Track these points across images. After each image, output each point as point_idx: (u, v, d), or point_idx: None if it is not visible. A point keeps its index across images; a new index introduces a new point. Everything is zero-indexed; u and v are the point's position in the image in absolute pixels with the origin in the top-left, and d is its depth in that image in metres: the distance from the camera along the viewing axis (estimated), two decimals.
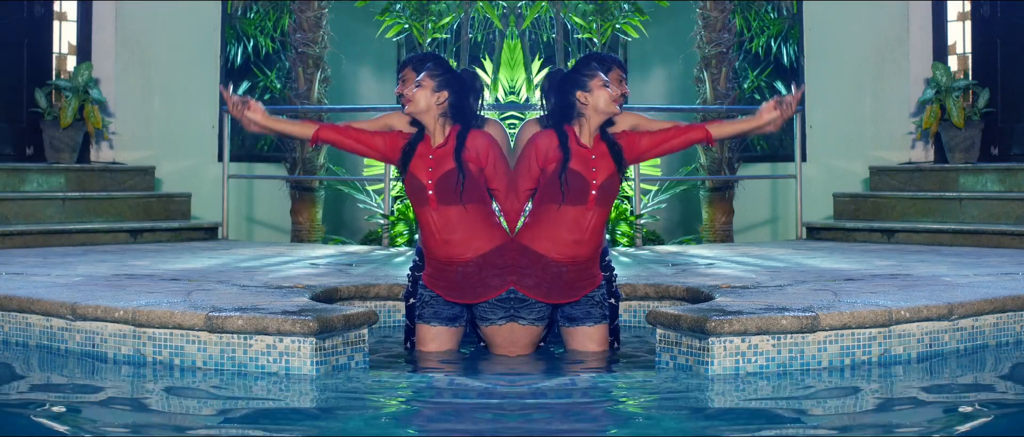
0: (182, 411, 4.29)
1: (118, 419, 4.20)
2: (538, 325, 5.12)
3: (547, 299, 5.08)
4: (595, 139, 5.09)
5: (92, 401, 4.44)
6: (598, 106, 5.07)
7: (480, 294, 5.05)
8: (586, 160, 5.04)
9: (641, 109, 9.95)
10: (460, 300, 5.10)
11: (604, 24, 10.10)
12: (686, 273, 6.71)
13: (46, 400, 4.48)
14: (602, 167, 5.06)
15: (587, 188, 5.02)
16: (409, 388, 4.71)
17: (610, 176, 5.06)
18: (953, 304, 5.16)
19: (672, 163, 11.39)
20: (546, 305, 5.10)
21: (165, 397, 4.49)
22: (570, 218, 5.03)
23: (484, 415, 4.24)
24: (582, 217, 5.04)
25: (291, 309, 4.91)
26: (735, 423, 4.20)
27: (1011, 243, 8.29)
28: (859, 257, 7.58)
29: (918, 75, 10.04)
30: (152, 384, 4.64)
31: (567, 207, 5.02)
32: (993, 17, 9.92)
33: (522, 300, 5.08)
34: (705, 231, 10.13)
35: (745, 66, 11.28)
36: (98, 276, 6.34)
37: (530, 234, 5.05)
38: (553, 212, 5.03)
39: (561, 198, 5.01)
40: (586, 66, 5.13)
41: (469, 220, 5.03)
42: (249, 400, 4.44)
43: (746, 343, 4.73)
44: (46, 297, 5.26)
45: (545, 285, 5.06)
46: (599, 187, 5.04)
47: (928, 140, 9.95)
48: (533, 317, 5.10)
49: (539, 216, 5.06)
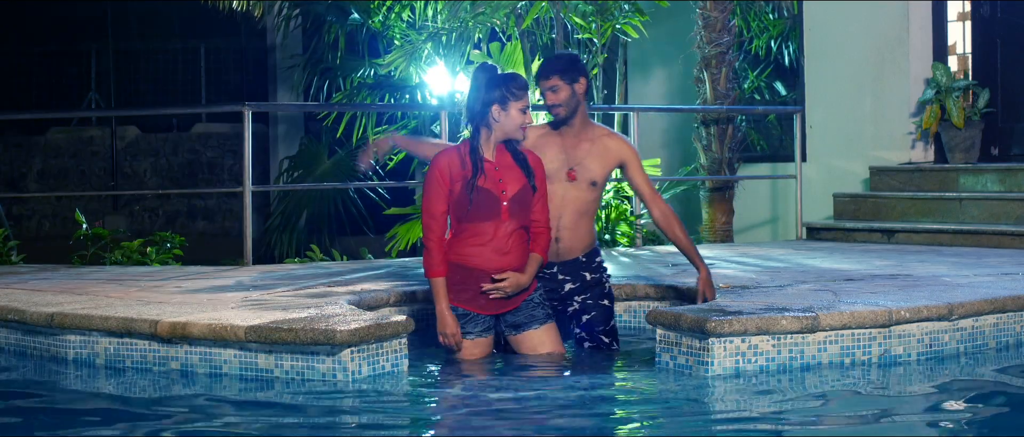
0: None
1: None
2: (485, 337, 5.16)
3: (483, 310, 5.10)
4: (499, 151, 5.09)
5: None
6: (506, 128, 5.05)
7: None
8: (492, 175, 5.04)
9: (641, 109, 9.95)
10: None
11: (604, 24, 10.09)
12: (686, 273, 6.70)
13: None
14: (510, 180, 5.06)
15: (497, 203, 5.01)
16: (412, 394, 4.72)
17: (521, 189, 5.04)
18: (953, 304, 5.16)
19: (672, 164, 11.39)
20: (487, 317, 5.13)
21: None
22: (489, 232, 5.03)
23: (482, 417, 4.25)
24: (498, 229, 5.04)
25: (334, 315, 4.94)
26: (735, 423, 4.21)
27: (1011, 243, 8.28)
28: (859, 257, 7.58)
29: (918, 75, 10.04)
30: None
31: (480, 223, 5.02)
32: (993, 17, 9.92)
33: (463, 315, 5.10)
34: (705, 231, 10.12)
35: (745, 66, 11.28)
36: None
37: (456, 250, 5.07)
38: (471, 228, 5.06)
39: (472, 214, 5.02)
40: (514, 83, 5.05)
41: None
42: (285, 407, 4.43)
43: (746, 343, 4.73)
44: None
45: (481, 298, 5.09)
46: (511, 200, 5.03)
47: (928, 140, 9.95)
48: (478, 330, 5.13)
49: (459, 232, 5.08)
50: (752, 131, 11.33)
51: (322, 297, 5.68)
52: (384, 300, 5.87)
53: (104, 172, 15.51)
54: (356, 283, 6.31)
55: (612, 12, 10.09)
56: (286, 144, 14.96)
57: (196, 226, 15.31)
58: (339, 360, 4.63)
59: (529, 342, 5.16)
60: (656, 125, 11.68)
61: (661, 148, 11.56)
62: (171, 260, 8.33)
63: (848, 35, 10.29)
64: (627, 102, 11.40)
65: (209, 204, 15.43)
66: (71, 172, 15.51)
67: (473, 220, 5.01)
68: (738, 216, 10.38)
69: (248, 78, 16.04)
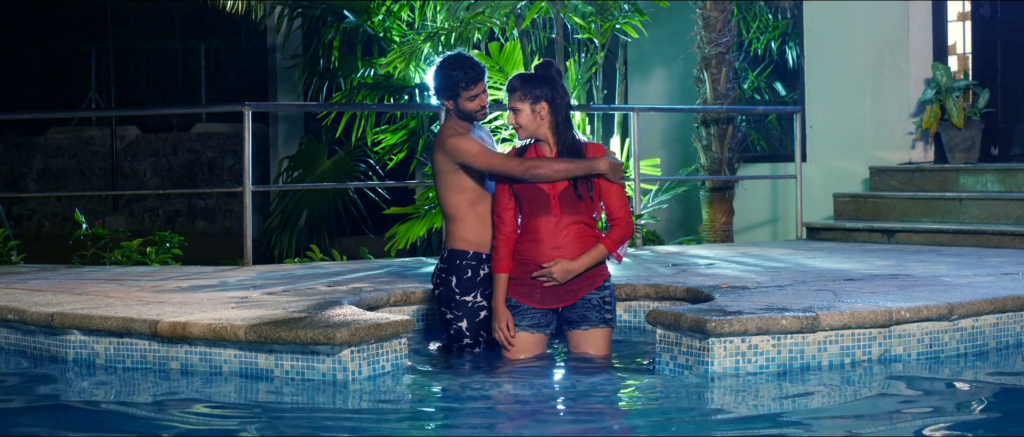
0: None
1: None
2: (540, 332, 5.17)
3: (538, 305, 5.13)
4: (557, 147, 5.16)
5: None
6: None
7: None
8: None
9: (641, 109, 9.95)
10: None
11: (604, 24, 10.09)
12: (686, 273, 6.71)
13: None
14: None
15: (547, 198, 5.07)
16: (412, 393, 4.72)
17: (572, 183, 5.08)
18: (953, 304, 5.16)
19: (672, 164, 11.39)
20: (541, 311, 5.15)
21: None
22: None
23: (485, 418, 4.25)
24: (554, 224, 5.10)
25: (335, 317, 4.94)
26: (735, 423, 4.21)
27: (1011, 243, 8.28)
28: (859, 257, 7.58)
29: (918, 75, 10.04)
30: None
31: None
32: (993, 17, 9.92)
33: (515, 307, 5.14)
34: (705, 231, 10.12)
35: (745, 66, 11.28)
36: None
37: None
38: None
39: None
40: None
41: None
42: (280, 407, 4.45)
43: (746, 343, 4.73)
44: None
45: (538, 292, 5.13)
46: (560, 195, 5.07)
47: (928, 140, 9.95)
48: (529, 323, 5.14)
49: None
50: (752, 131, 11.33)
51: (322, 297, 5.68)
52: (384, 300, 5.87)
53: (104, 172, 15.52)
54: (356, 283, 6.31)
55: (612, 12, 10.09)
56: (286, 144, 14.97)
57: (196, 226, 15.32)
58: (339, 360, 4.63)
59: (574, 339, 5.20)
60: (656, 125, 11.68)
61: (661, 148, 11.56)
62: (171, 260, 8.32)
63: (848, 35, 10.29)
64: (627, 102, 11.40)
65: (209, 204, 15.43)
66: (71, 172, 15.52)
67: (528, 216, 5.08)
68: (738, 216, 10.38)
69: (248, 78, 16.04)
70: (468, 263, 5.25)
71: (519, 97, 5.03)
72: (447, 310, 5.28)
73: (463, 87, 5.24)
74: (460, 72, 5.26)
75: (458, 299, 5.25)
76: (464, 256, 5.26)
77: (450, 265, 5.26)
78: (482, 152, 5.15)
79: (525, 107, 5.04)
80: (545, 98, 5.03)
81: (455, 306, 5.25)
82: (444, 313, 5.30)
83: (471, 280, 5.25)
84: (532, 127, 5.07)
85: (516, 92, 5.05)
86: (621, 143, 10.24)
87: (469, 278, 5.25)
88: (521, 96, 5.04)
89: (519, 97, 5.03)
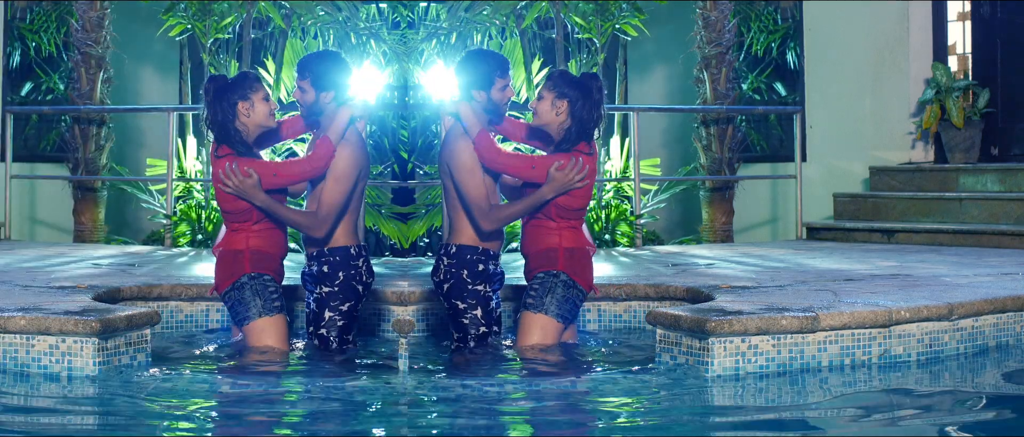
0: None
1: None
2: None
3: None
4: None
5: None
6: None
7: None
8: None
9: (641, 109, 9.94)
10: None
11: (604, 24, 10.09)
12: (686, 273, 6.71)
13: None
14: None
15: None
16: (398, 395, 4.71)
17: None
18: (953, 304, 5.16)
19: (672, 163, 11.38)
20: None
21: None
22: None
23: (480, 417, 4.24)
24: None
25: (73, 309, 4.90)
26: (735, 423, 4.21)
27: (1011, 243, 8.29)
28: (859, 257, 7.58)
29: (918, 75, 10.04)
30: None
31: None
32: (993, 17, 9.92)
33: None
34: (705, 231, 10.12)
35: (745, 67, 11.28)
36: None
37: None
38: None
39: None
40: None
41: None
42: (30, 400, 4.43)
43: (746, 343, 4.73)
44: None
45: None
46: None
47: (928, 140, 9.95)
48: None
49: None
50: (752, 131, 11.32)
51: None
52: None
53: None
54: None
55: (612, 12, 10.09)
56: None
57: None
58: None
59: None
60: (656, 125, 11.67)
61: (661, 148, 11.55)
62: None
63: (848, 35, 10.29)
64: (627, 102, 11.39)
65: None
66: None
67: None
68: (738, 216, 10.38)
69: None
70: (478, 258, 5.29)
71: (549, 87, 5.26)
72: (459, 301, 5.30)
73: (499, 75, 5.30)
74: (494, 61, 5.33)
75: (470, 288, 5.27)
76: (474, 251, 5.29)
77: (460, 260, 5.29)
78: (475, 168, 5.30)
79: (549, 96, 5.24)
80: (569, 98, 5.20)
81: (468, 295, 5.28)
82: (455, 305, 5.31)
83: (482, 273, 5.30)
84: (546, 117, 5.25)
85: (550, 81, 5.30)
86: (621, 143, 10.23)
87: (480, 271, 5.29)
88: (552, 87, 5.26)
89: (549, 87, 5.26)
